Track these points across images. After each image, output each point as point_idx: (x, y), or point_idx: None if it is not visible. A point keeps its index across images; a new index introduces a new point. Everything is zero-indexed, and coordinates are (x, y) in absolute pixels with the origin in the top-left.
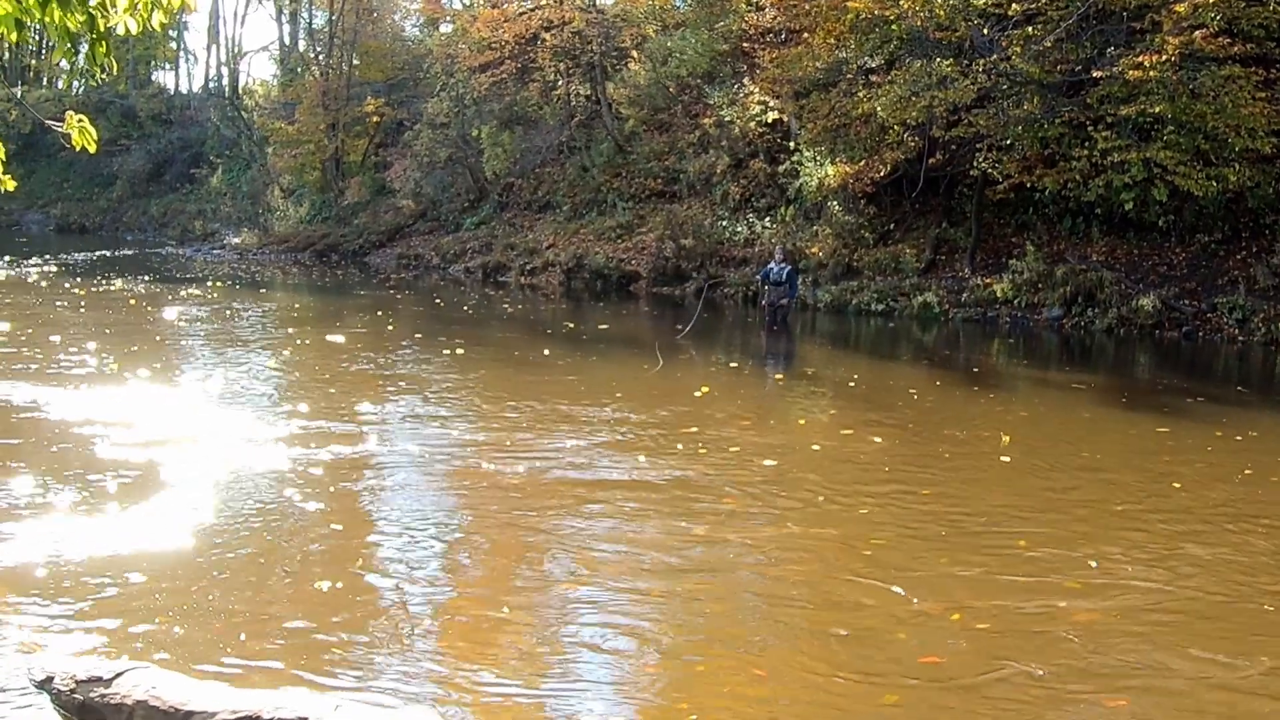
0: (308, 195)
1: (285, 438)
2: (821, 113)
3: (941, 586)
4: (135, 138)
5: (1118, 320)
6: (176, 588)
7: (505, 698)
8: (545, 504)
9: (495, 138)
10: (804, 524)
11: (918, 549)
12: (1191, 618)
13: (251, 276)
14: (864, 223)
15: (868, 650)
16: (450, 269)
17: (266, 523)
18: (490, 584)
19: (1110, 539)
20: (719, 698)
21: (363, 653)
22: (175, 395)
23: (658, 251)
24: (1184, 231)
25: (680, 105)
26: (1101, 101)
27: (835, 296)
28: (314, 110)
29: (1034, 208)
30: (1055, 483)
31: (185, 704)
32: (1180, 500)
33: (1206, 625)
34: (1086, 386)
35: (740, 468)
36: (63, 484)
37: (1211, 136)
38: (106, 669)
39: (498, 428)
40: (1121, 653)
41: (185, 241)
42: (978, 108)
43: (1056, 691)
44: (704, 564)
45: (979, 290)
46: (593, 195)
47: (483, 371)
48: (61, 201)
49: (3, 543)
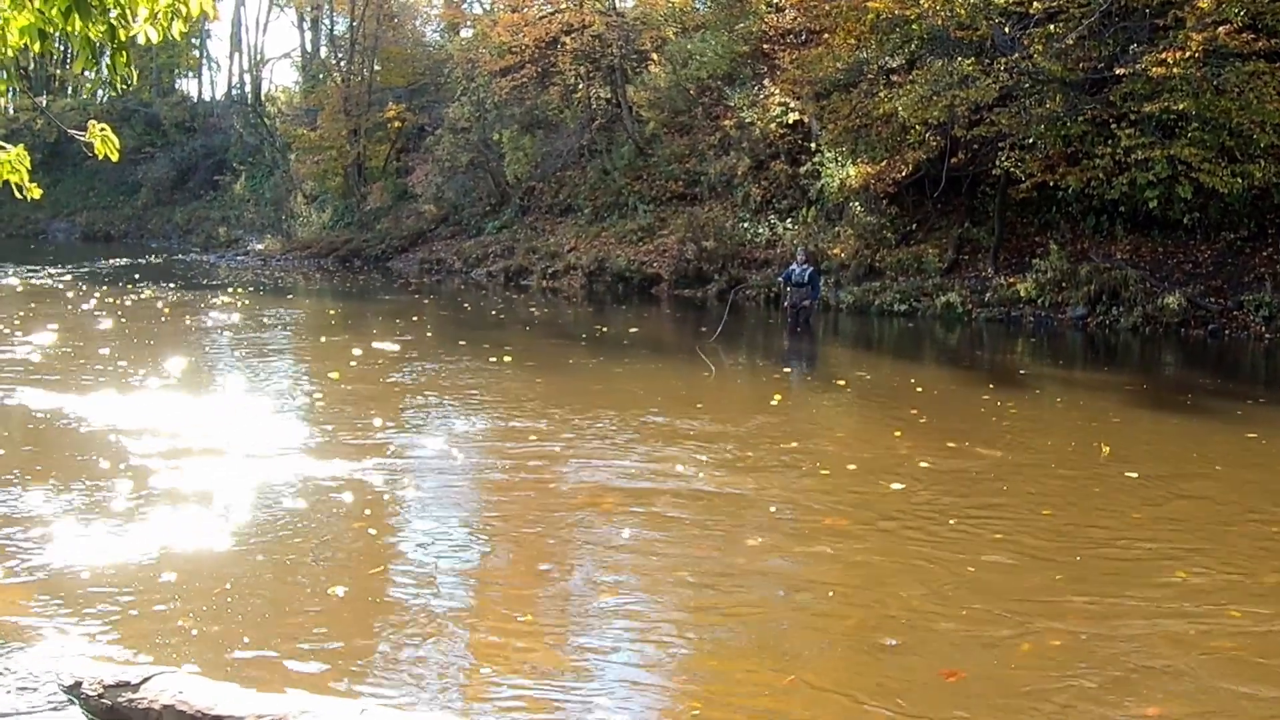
0: (330, 201)
1: (352, 448)
2: (842, 113)
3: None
4: (159, 145)
5: (1143, 319)
6: (205, 593)
7: (528, 701)
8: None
9: (516, 142)
10: (994, 550)
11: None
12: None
13: (275, 283)
14: (886, 223)
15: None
16: (472, 273)
17: (303, 529)
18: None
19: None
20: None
21: (389, 659)
22: (234, 405)
23: (679, 254)
24: (1209, 229)
25: (701, 107)
26: (1125, 99)
27: (858, 297)
28: (336, 116)
29: (1057, 206)
30: (1185, 498)
31: (212, 708)
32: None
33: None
34: (1144, 387)
35: (865, 486)
36: (105, 491)
37: (1236, 133)
38: (134, 674)
39: (599, 442)
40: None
41: (209, 248)
42: (1000, 106)
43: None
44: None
45: (1002, 290)
46: (614, 198)
47: (542, 380)
48: (87, 210)
49: (33, 548)
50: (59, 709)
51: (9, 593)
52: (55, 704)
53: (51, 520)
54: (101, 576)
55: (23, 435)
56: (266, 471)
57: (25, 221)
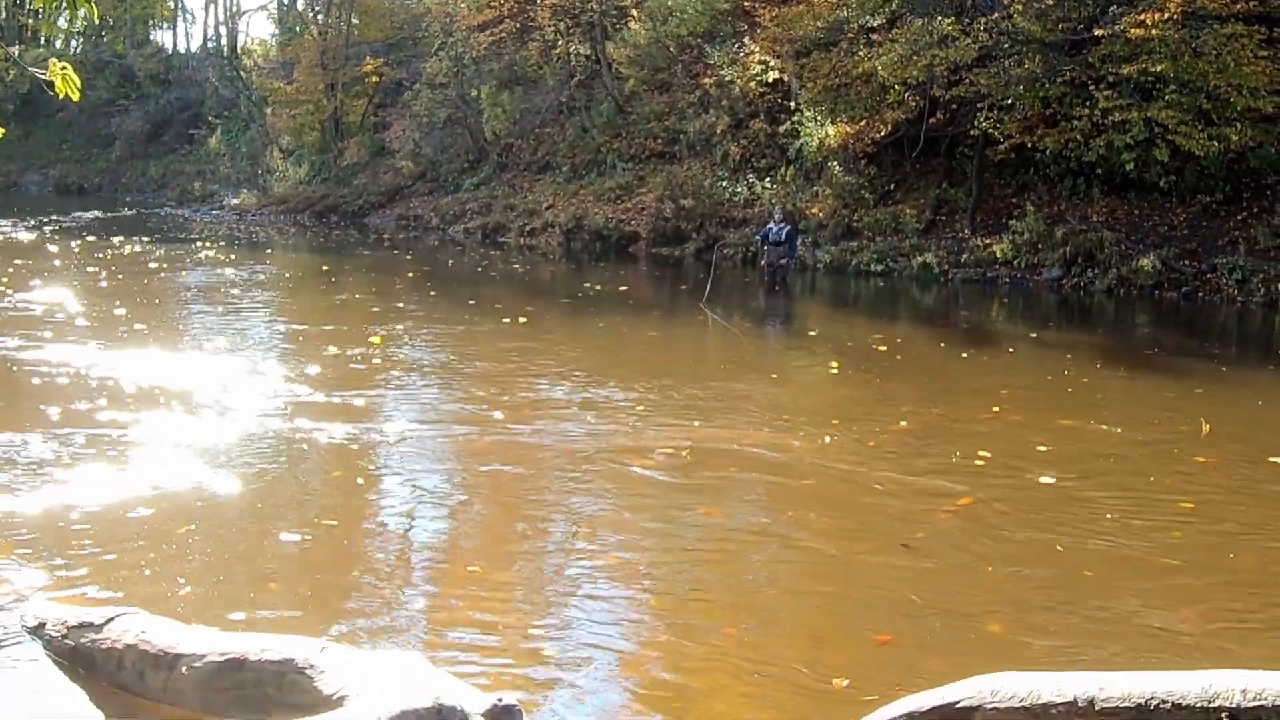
0: (306, 156)
1: (349, 406)
2: (822, 72)
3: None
4: (133, 98)
5: (1117, 281)
6: (171, 536)
7: (494, 642)
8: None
9: (494, 98)
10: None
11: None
12: None
13: (251, 238)
14: (864, 183)
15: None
16: (449, 230)
17: (278, 477)
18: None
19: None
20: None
21: (352, 601)
22: (213, 359)
23: (657, 212)
24: (1185, 192)
25: (680, 65)
26: (1103, 60)
27: (835, 257)
28: (312, 70)
29: (1035, 168)
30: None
31: (174, 647)
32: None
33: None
34: (1112, 347)
35: (1024, 486)
36: (76, 440)
37: (1213, 96)
38: (98, 615)
39: (685, 415)
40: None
41: (184, 202)
42: (979, 67)
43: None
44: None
45: (979, 251)
46: (592, 156)
47: (580, 348)
48: (60, 163)
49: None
50: (23, 650)
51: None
52: (20, 645)
53: (19, 465)
54: (67, 520)
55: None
56: (243, 423)
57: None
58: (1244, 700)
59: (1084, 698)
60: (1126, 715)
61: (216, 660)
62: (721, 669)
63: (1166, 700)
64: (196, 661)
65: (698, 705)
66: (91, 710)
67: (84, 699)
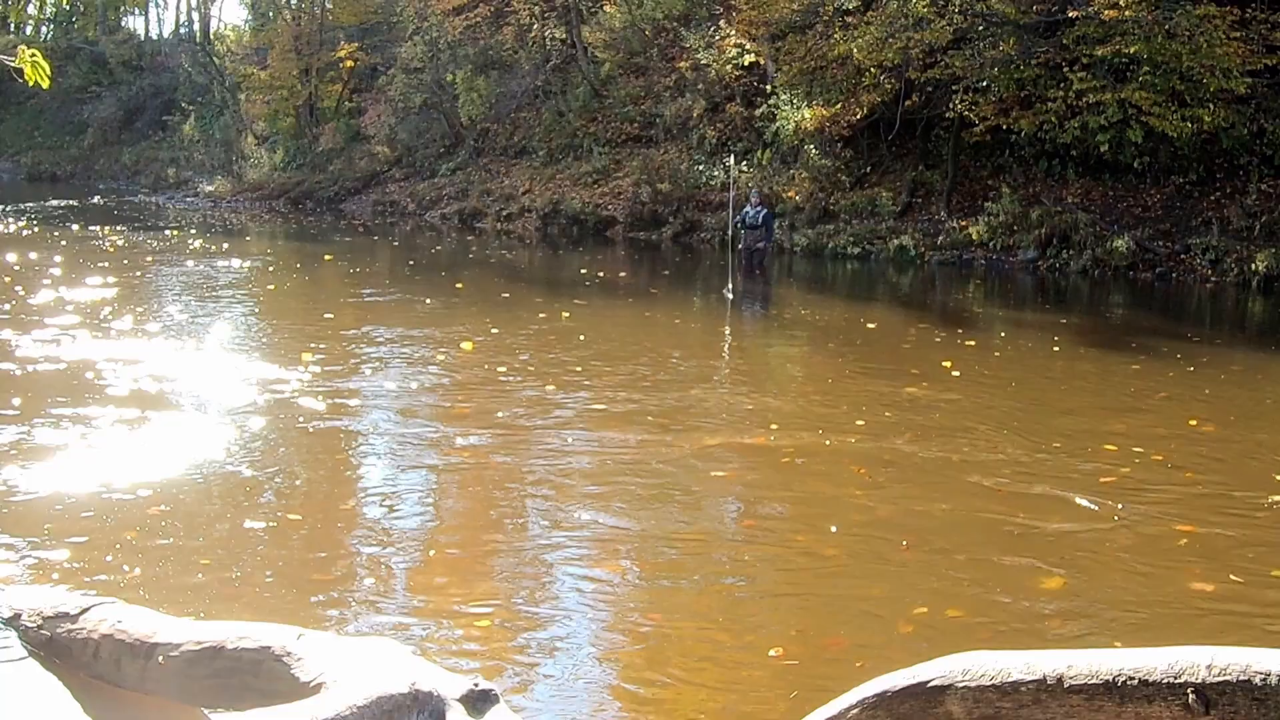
0: (281, 142)
1: (348, 389)
2: (798, 55)
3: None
4: (106, 84)
5: (1092, 262)
6: (147, 523)
7: (472, 630)
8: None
9: (470, 83)
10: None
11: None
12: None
13: (226, 225)
14: (841, 166)
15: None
16: (426, 215)
17: (259, 461)
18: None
19: None
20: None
21: (331, 591)
22: (202, 346)
23: (634, 196)
24: (1159, 173)
25: (656, 48)
26: (1077, 42)
27: (812, 240)
28: (286, 55)
29: (1010, 150)
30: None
31: (151, 636)
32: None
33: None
34: (1088, 327)
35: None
36: (56, 425)
37: (1186, 77)
38: (73, 604)
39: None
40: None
41: (158, 190)
42: (954, 49)
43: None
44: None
45: (955, 233)
46: (569, 140)
47: (645, 345)
48: (32, 150)
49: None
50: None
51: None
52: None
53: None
54: (44, 509)
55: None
56: (225, 411)
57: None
58: (1209, 675)
59: (1053, 675)
60: (1094, 691)
61: (193, 649)
62: (704, 660)
63: (1134, 676)
64: (173, 650)
65: (677, 695)
66: (68, 700)
67: (60, 690)
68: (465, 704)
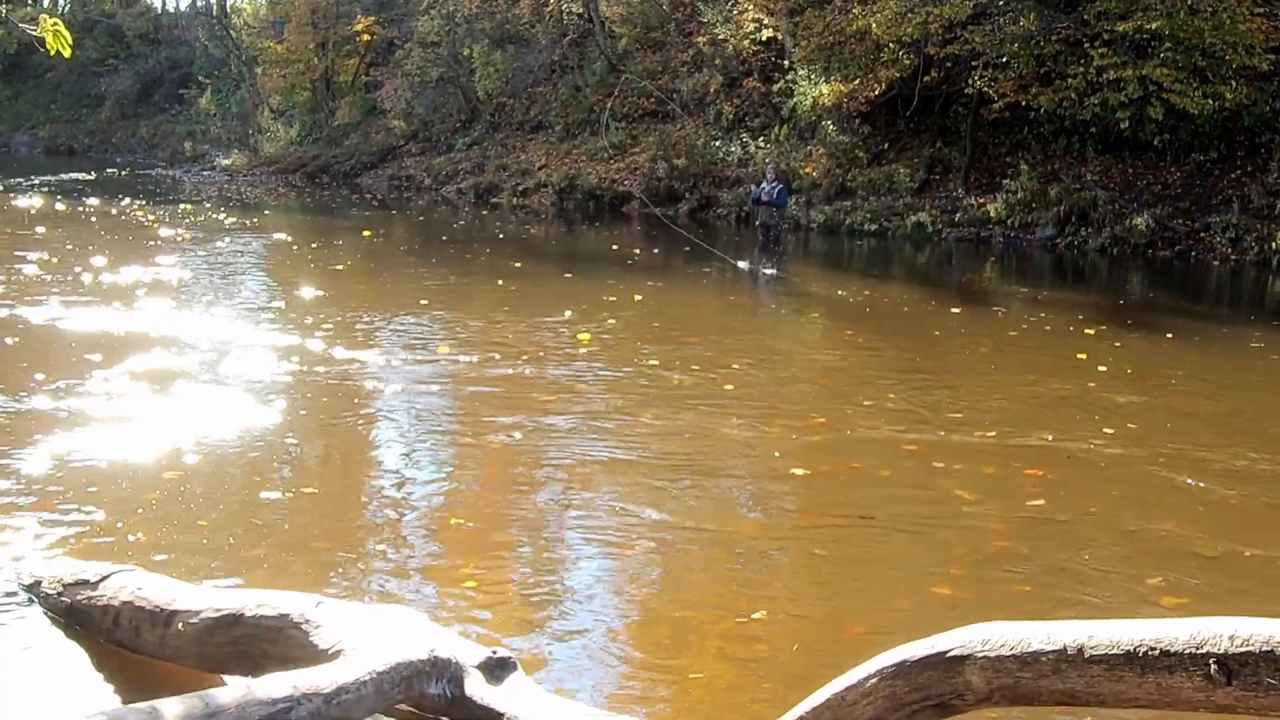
0: (298, 116)
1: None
2: (816, 30)
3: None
4: (123, 58)
5: (1111, 240)
6: (167, 492)
7: (493, 596)
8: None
9: (487, 57)
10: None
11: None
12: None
13: (242, 199)
14: (858, 142)
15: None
16: (442, 190)
17: (278, 431)
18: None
19: None
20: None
21: (351, 560)
22: (226, 317)
23: (650, 172)
24: (1179, 150)
25: (674, 23)
26: (1099, 18)
27: (829, 217)
28: (303, 29)
29: (1029, 127)
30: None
31: (170, 604)
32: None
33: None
34: (1116, 305)
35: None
36: (76, 395)
37: (1208, 53)
38: (93, 572)
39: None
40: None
41: (175, 163)
42: (974, 24)
43: None
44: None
45: (972, 210)
46: (585, 115)
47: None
48: (49, 123)
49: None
50: (18, 608)
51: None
52: (15, 603)
53: (20, 424)
54: (66, 478)
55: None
56: (247, 377)
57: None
58: (1231, 646)
59: (1073, 645)
60: (1115, 662)
61: (212, 616)
62: (719, 638)
63: (1155, 647)
64: (192, 617)
65: (692, 670)
66: (87, 666)
67: (81, 656)
68: (484, 671)
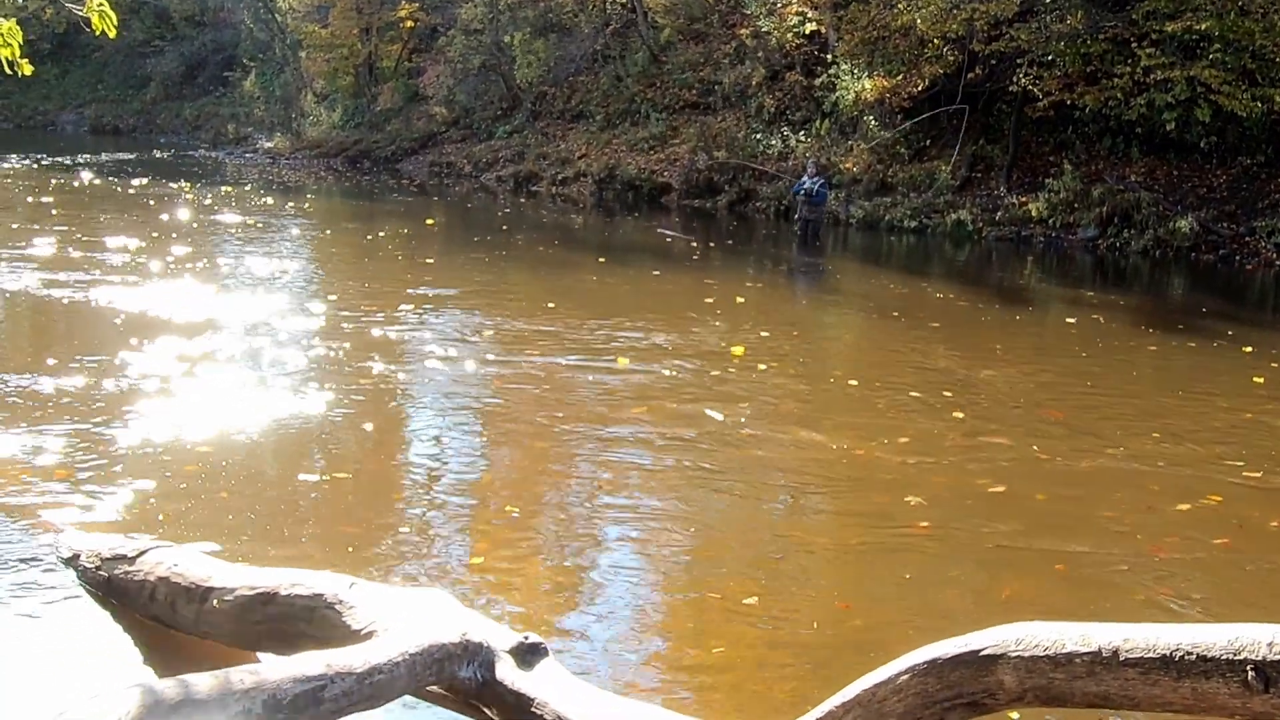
0: (340, 100)
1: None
2: (860, 24)
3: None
4: (168, 39)
5: (1154, 242)
6: (204, 472)
7: (521, 580)
8: None
9: (529, 45)
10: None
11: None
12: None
13: (284, 182)
14: (899, 138)
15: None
16: (482, 177)
17: (314, 416)
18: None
19: None
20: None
21: (385, 542)
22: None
23: (690, 164)
24: (1225, 153)
25: (717, 15)
26: (1147, 17)
27: (868, 212)
28: (347, 14)
29: (1073, 126)
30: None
31: (206, 580)
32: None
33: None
34: (1152, 309)
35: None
36: (112, 376)
37: (1258, 55)
38: (130, 547)
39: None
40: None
41: (218, 145)
42: (1019, 21)
43: None
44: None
45: (1014, 209)
46: (626, 105)
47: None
48: (95, 103)
49: (40, 426)
50: (57, 580)
51: (9, 469)
52: (54, 575)
53: (56, 400)
54: (104, 454)
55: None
56: (283, 360)
57: (34, 113)
58: (1270, 653)
59: (1109, 647)
60: (1150, 665)
61: (247, 594)
62: (748, 628)
63: (1191, 652)
64: (228, 595)
65: (720, 663)
66: (125, 640)
67: (117, 630)
68: (515, 656)
